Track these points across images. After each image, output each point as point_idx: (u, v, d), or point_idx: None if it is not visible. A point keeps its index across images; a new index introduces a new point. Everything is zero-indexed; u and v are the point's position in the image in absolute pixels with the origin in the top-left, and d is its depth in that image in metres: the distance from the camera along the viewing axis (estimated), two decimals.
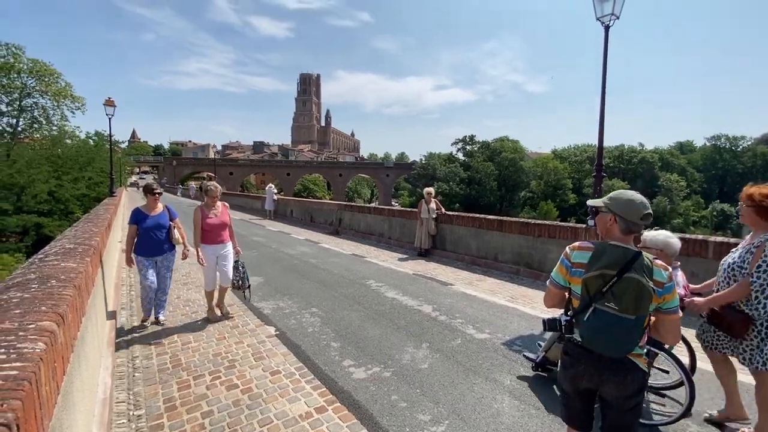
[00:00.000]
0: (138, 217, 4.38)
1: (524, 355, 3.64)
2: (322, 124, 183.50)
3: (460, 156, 63.25)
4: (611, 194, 1.83)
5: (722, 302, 2.48)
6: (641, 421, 2.60)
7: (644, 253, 1.71)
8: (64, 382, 1.71)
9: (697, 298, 2.62)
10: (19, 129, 36.09)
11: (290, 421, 2.69)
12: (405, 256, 9.05)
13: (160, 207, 4.55)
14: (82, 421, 2.03)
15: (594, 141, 7.44)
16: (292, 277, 6.82)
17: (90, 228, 5.11)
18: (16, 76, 34.59)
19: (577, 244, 1.88)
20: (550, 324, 1.87)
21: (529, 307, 5.21)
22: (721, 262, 2.63)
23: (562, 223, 6.76)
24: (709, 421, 2.70)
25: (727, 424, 2.64)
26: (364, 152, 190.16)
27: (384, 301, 5.47)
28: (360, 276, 6.88)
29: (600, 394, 1.80)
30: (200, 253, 4.46)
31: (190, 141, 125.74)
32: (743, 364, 2.45)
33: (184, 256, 4.67)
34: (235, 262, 4.80)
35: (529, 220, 7.25)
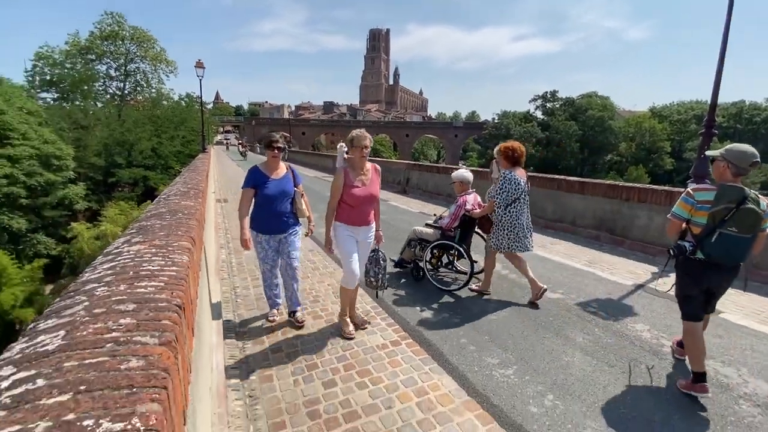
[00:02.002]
0: (258, 180, 3.19)
1: (391, 259, 4.68)
2: (390, 82, 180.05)
3: (539, 114, 58.33)
4: (726, 147, 2.47)
5: (483, 213, 4.13)
6: (442, 287, 4.30)
7: (748, 190, 2.35)
8: (189, 296, 2.12)
9: (476, 210, 4.23)
10: (126, 92, 40.96)
11: (369, 350, 3.01)
12: None
13: (282, 168, 3.34)
14: (207, 325, 2.51)
15: (704, 97, 6.37)
16: None
17: (195, 176, 5.89)
18: (120, 43, 38.64)
19: (697, 186, 2.56)
20: (678, 249, 2.55)
21: (608, 272, 4.95)
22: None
23: (657, 186, 6.12)
24: (530, 301, 3.98)
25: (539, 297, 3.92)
26: (432, 111, 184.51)
27: None
28: None
29: (713, 290, 2.60)
30: (333, 236, 3.16)
31: (266, 102, 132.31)
32: (502, 252, 4.07)
33: (310, 232, 3.48)
34: (375, 251, 3.40)
35: (618, 182, 6.68)
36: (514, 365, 2.84)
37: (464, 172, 4.55)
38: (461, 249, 4.21)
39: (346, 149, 3.15)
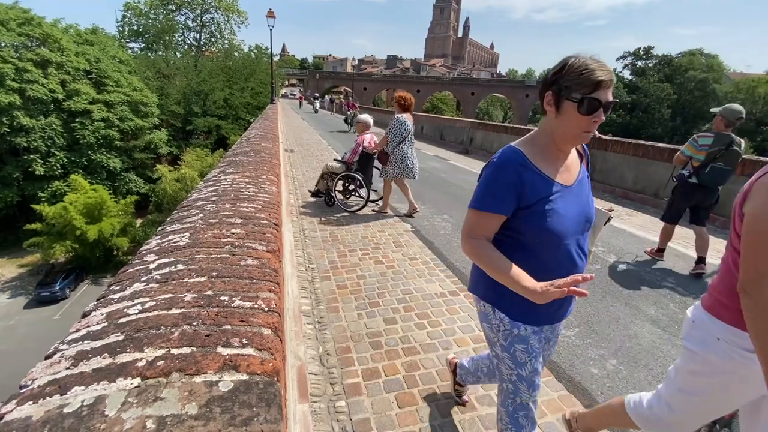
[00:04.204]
0: (531, 189, 1.15)
1: (308, 190, 5.68)
2: (459, 34, 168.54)
3: (627, 74, 51.78)
4: (724, 106, 3.52)
5: (378, 149, 5.15)
6: (347, 209, 5.33)
7: (735, 136, 3.44)
8: (281, 220, 2.32)
9: (372, 146, 5.23)
10: (201, 43, 42.87)
11: (427, 296, 3.12)
12: None
13: (575, 157, 1.29)
14: (287, 256, 2.76)
15: None
16: (424, 187, 7.17)
17: (268, 123, 6.22)
18: None
19: (701, 134, 3.64)
20: (680, 176, 3.74)
21: (692, 249, 4.50)
22: None
23: (766, 159, 5.30)
24: (405, 215, 5.28)
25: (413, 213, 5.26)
26: (503, 68, 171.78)
27: None
28: None
29: (699, 205, 3.77)
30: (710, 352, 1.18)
31: (330, 55, 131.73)
32: (393, 179, 5.17)
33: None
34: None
35: None
36: (575, 327, 2.79)
37: (366, 117, 5.69)
38: (360, 178, 5.24)
39: None
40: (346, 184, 5.58)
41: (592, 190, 1.34)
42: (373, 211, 5.34)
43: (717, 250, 4.55)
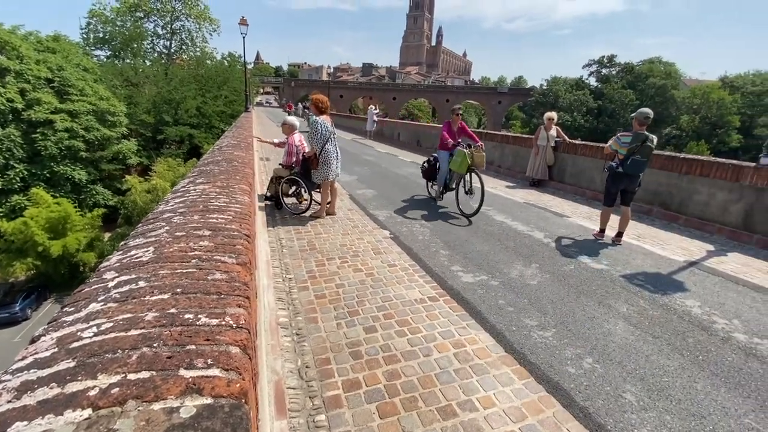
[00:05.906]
0: None
1: (264, 195, 5.79)
2: (433, 43, 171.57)
3: (592, 81, 54.08)
4: (638, 110, 4.49)
5: (310, 154, 5.03)
6: (293, 212, 5.46)
7: (649, 134, 4.33)
8: (253, 231, 2.25)
9: (307, 151, 5.20)
10: (172, 50, 41.78)
11: (407, 302, 3.11)
12: (514, 184, 8.69)
13: None
14: (261, 263, 2.68)
15: None
16: (402, 192, 7.20)
17: (242, 132, 6.10)
18: (167, 0, 38.96)
19: (623, 133, 4.57)
20: (610, 167, 4.64)
21: (659, 247, 4.71)
22: None
23: (723, 160, 5.61)
24: (327, 213, 5.44)
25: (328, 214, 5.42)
26: (476, 75, 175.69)
27: (492, 222, 5.49)
28: None
29: (626, 189, 4.62)
30: None
31: (305, 63, 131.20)
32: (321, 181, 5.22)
33: None
34: None
35: (677, 154, 6.18)
36: (552, 328, 2.84)
37: (292, 119, 5.71)
38: (300, 180, 5.32)
39: (376, 111, 3.03)
40: (298, 189, 5.73)
41: (563, 193, 1.42)
42: (312, 215, 5.44)
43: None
